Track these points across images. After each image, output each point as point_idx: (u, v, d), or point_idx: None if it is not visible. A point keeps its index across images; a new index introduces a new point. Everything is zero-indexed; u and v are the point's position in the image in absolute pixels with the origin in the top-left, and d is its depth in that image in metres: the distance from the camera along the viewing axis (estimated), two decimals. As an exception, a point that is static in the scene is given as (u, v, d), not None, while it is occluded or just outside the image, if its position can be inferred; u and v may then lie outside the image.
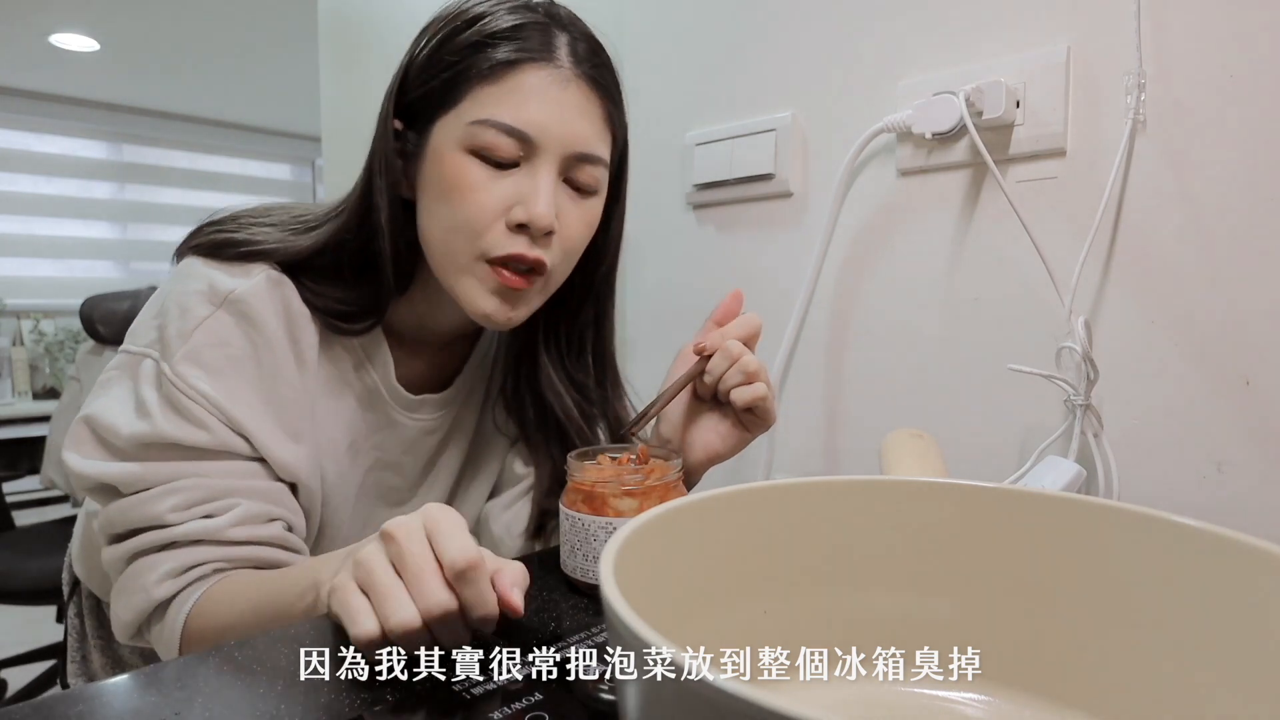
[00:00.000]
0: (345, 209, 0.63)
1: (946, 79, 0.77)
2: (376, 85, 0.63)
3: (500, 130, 0.57)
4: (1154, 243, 0.67)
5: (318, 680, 0.40)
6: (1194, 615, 0.33)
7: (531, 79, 0.58)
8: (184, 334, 0.57)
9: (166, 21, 2.82)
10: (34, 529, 1.94)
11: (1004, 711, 0.37)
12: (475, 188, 0.58)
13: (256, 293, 0.59)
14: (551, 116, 0.58)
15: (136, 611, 0.56)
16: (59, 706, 0.37)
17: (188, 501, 0.56)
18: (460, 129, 0.58)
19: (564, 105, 0.58)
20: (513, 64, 0.58)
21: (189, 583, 0.55)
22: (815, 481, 0.39)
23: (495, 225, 0.58)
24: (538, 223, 0.57)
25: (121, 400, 0.58)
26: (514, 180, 0.58)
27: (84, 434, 0.58)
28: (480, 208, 0.58)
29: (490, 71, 0.57)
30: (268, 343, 0.59)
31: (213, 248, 0.62)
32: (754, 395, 0.62)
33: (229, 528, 0.56)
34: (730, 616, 0.37)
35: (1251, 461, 0.63)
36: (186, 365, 0.57)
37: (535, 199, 0.57)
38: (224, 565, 0.56)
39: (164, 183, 3.95)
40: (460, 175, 0.58)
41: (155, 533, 0.55)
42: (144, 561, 0.56)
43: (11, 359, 3.25)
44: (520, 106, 0.57)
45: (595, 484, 0.54)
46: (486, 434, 0.78)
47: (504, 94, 0.57)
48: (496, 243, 0.58)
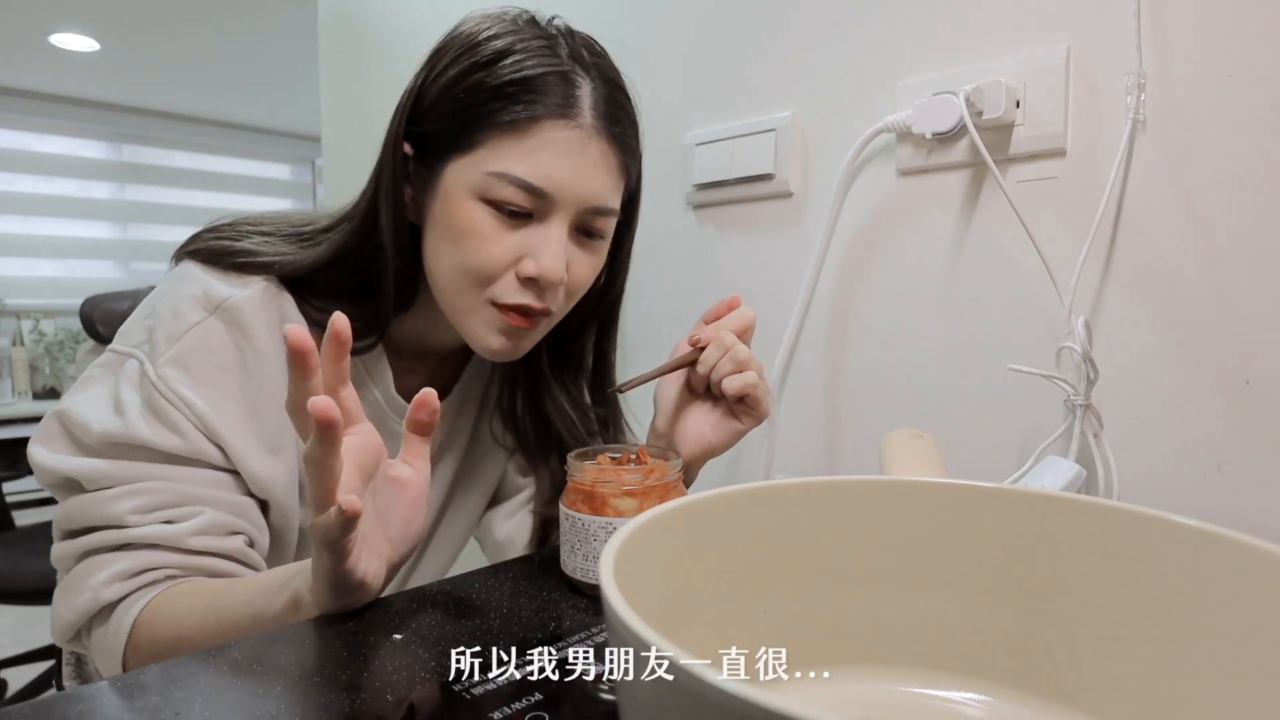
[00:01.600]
0: (348, 225, 0.62)
1: (946, 79, 0.77)
2: (376, 85, 0.63)
3: (518, 186, 0.57)
4: (1154, 243, 0.67)
5: (318, 680, 0.40)
6: (1194, 615, 0.33)
7: (552, 136, 0.57)
8: (173, 338, 0.57)
9: (167, 21, 2.82)
10: (34, 529, 1.94)
11: (1004, 711, 0.37)
12: (487, 237, 0.57)
13: (251, 303, 0.58)
14: (569, 174, 0.58)
15: (79, 612, 0.54)
16: (59, 706, 0.37)
17: (150, 505, 0.54)
18: (476, 176, 0.57)
19: (583, 163, 0.58)
20: (534, 119, 0.57)
21: (139, 586, 0.53)
22: (815, 481, 0.39)
23: (505, 275, 0.59)
24: (548, 277, 0.58)
25: (99, 398, 0.57)
26: (526, 233, 0.58)
27: (54, 428, 0.57)
28: (490, 258, 0.58)
29: (511, 125, 0.57)
30: (257, 354, 0.59)
31: (212, 255, 0.61)
32: (744, 383, 0.62)
33: (189, 535, 0.54)
34: (730, 616, 0.37)
35: (1251, 461, 0.63)
36: (171, 369, 0.56)
37: (546, 254, 0.58)
38: (177, 573, 0.54)
39: (164, 183, 3.96)
40: (473, 222, 0.57)
41: (111, 532, 0.54)
42: (94, 560, 0.54)
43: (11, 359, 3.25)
44: (539, 164, 0.57)
45: (595, 484, 0.54)
46: (483, 442, 0.78)
47: (524, 150, 0.57)
48: (505, 292, 0.59)
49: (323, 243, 0.63)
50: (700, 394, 0.67)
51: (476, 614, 0.50)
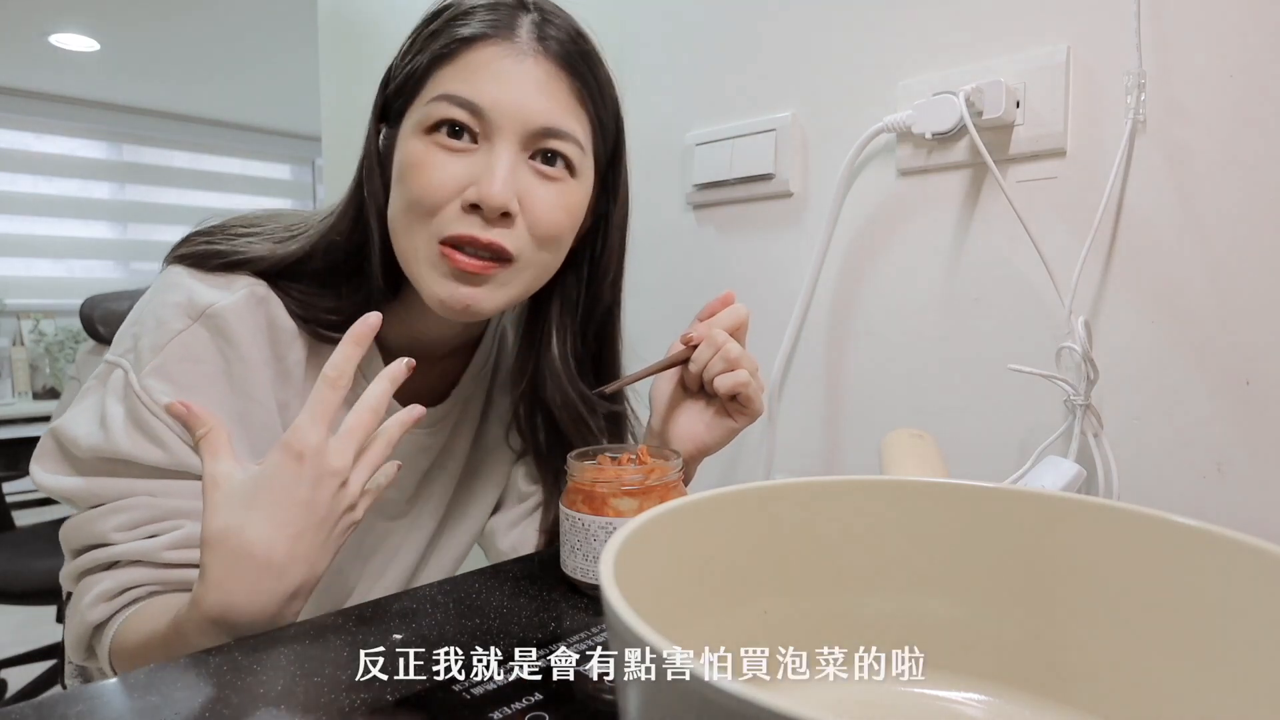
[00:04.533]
0: (336, 211, 0.62)
1: (946, 79, 0.77)
2: (376, 85, 0.63)
3: (452, 102, 0.55)
4: (1154, 243, 0.67)
5: (318, 680, 0.41)
6: (1194, 615, 0.33)
7: (485, 53, 0.56)
8: (156, 347, 0.56)
9: (166, 21, 2.82)
10: (34, 529, 1.94)
11: (1004, 711, 0.37)
12: (430, 166, 0.55)
13: (236, 309, 0.58)
14: (505, 90, 0.56)
15: (75, 635, 0.54)
16: (59, 706, 0.37)
17: (133, 521, 0.54)
18: (420, 111, 0.57)
19: (520, 79, 0.56)
20: (468, 40, 0.56)
21: (122, 606, 0.53)
22: (815, 481, 0.39)
23: (449, 206, 0.56)
24: (489, 201, 0.54)
25: (88, 412, 0.57)
26: (471, 159, 0.56)
27: (49, 446, 0.57)
28: (432, 186, 0.55)
29: (447, 50, 0.56)
30: (242, 360, 0.58)
31: (197, 258, 0.60)
32: (735, 381, 0.62)
33: (164, 549, 0.54)
34: (730, 616, 0.37)
35: (1251, 461, 0.63)
36: (154, 379, 0.55)
37: (490, 178, 0.55)
38: (159, 589, 0.54)
39: (164, 183, 3.95)
40: (416, 155, 0.56)
41: (99, 551, 0.54)
42: (86, 582, 0.55)
43: (11, 359, 3.25)
44: (474, 81, 0.55)
45: (595, 484, 0.54)
46: (487, 446, 0.77)
47: (458, 70, 0.56)
48: (447, 222, 0.56)
49: (312, 233, 0.62)
50: (694, 392, 0.67)
51: (476, 614, 0.50)
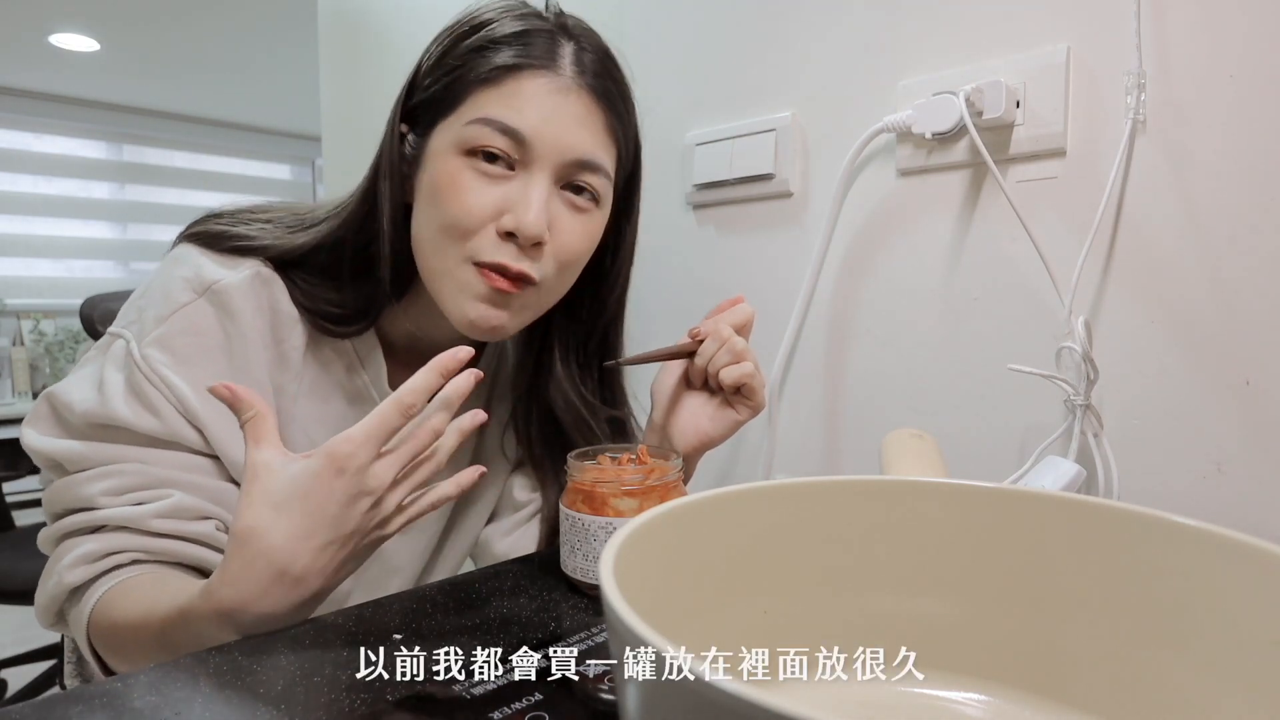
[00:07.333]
0: (346, 208, 0.63)
1: (946, 79, 0.77)
2: (376, 85, 0.63)
3: (494, 129, 0.56)
4: (1154, 243, 0.67)
5: (318, 680, 0.41)
6: (1194, 615, 0.33)
7: (531, 85, 0.57)
8: (161, 318, 0.57)
9: (166, 21, 2.82)
10: (34, 529, 1.93)
11: (1004, 711, 0.37)
12: (467, 190, 0.57)
13: (241, 287, 0.59)
14: (548, 122, 0.57)
15: (49, 596, 0.54)
16: (59, 706, 0.37)
17: (122, 487, 0.54)
18: (457, 130, 0.57)
19: (562, 112, 0.58)
20: (513, 69, 0.57)
21: (103, 570, 0.53)
22: (815, 481, 0.39)
23: (485, 230, 0.57)
24: (526, 231, 0.56)
25: (86, 379, 0.58)
26: (508, 187, 0.57)
27: (44, 410, 0.58)
28: (470, 210, 0.57)
29: (490, 75, 0.57)
30: (243, 338, 0.59)
31: (209, 238, 0.62)
32: (741, 373, 0.63)
33: (152, 518, 0.54)
34: (730, 616, 0.37)
35: (1251, 461, 0.63)
36: (155, 349, 0.56)
37: (526, 207, 0.56)
38: (143, 557, 0.54)
39: (164, 183, 3.95)
40: (453, 177, 0.57)
41: (83, 514, 0.54)
42: (67, 544, 0.55)
43: (11, 359, 3.25)
44: (517, 109, 0.57)
45: (595, 484, 0.54)
46: (485, 456, 0.77)
47: (502, 96, 0.57)
48: (483, 248, 0.57)
49: (322, 225, 0.63)
50: (697, 387, 0.68)
51: (477, 614, 0.50)
